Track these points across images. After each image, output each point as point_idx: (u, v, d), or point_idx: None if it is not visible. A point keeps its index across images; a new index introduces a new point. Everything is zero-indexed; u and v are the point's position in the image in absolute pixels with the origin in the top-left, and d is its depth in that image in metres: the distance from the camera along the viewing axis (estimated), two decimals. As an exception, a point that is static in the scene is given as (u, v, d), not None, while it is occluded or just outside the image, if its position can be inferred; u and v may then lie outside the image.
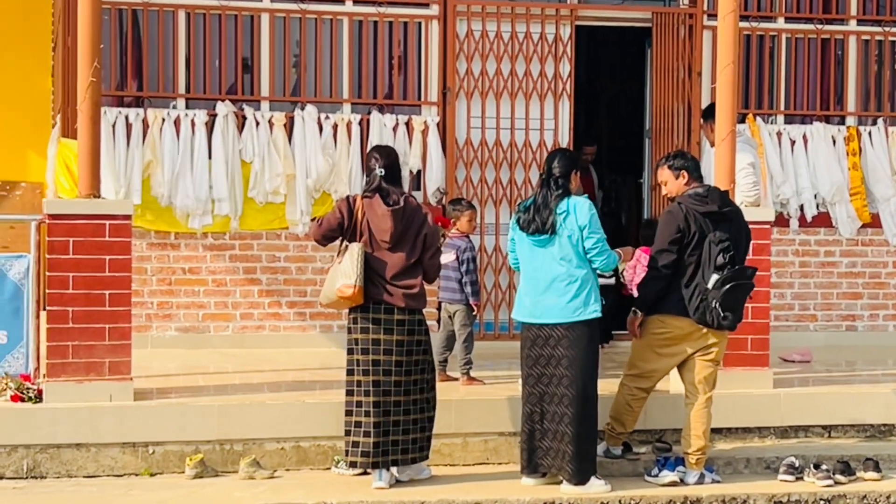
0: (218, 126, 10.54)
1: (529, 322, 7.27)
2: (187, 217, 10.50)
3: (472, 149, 11.07)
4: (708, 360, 7.59)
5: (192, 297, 10.60)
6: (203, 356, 10.13)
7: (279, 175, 10.61)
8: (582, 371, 7.18)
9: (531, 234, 7.20)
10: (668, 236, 7.43)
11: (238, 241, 10.67)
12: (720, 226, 7.54)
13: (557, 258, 7.18)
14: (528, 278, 7.33)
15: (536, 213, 7.22)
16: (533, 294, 7.25)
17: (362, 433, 7.22)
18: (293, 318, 10.72)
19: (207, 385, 8.65)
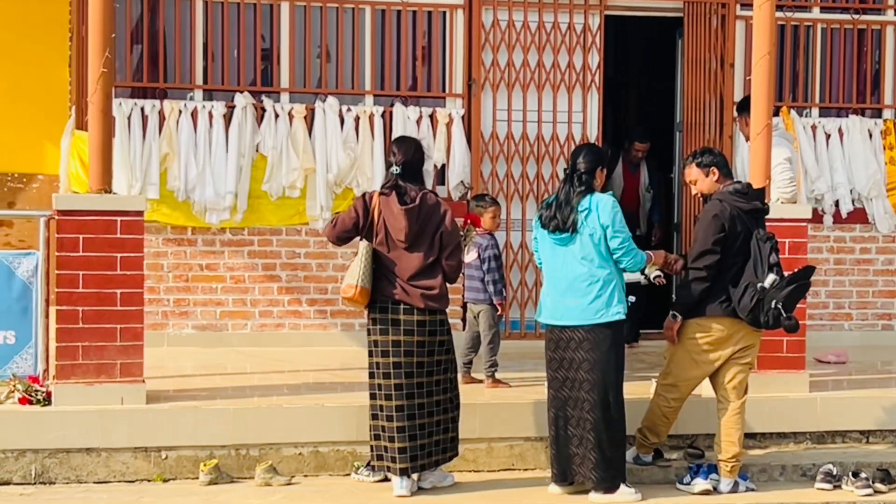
0: (236, 118, 10.36)
1: (551, 324, 7.13)
2: (205, 212, 10.34)
3: (498, 142, 10.88)
4: (744, 363, 7.40)
5: (209, 294, 10.44)
6: (220, 355, 10.01)
7: (296, 169, 10.42)
8: (604, 375, 7.01)
9: (552, 233, 7.05)
10: (713, 235, 7.25)
11: (257, 237, 10.50)
12: (761, 223, 7.44)
13: (578, 257, 7.03)
14: (549, 278, 7.19)
15: (558, 210, 7.07)
16: (554, 294, 7.11)
17: (387, 437, 7.06)
18: (314, 316, 10.57)
19: (223, 386, 8.48)
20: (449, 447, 7.17)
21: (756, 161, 8.38)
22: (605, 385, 7.02)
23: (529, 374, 9.06)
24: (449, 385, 7.10)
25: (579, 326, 6.96)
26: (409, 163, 7.07)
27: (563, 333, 7.04)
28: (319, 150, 10.49)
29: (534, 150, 10.92)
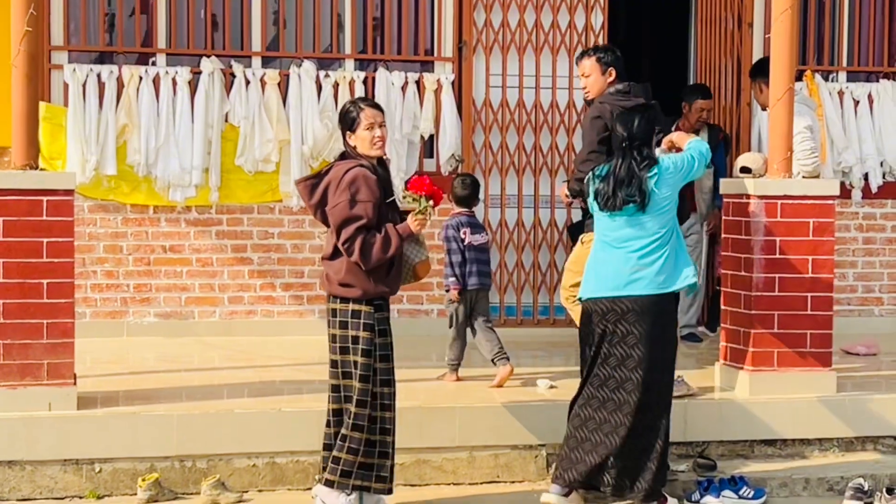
0: (202, 85, 9.77)
1: (611, 295, 6.57)
2: (168, 188, 9.78)
3: (492, 110, 10.28)
4: None
5: (173, 278, 9.92)
6: (185, 346, 9.48)
7: (270, 141, 9.84)
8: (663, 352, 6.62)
9: (611, 212, 6.56)
10: (597, 136, 7.13)
11: (226, 216, 9.97)
12: None
13: (644, 229, 6.55)
14: (607, 249, 6.65)
15: (618, 188, 6.51)
16: (615, 265, 6.58)
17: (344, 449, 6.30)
18: (288, 303, 10.04)
19: (178, 386, 7.85)
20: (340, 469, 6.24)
21: (776, 130, 7.71)
22: (663, 364, 6.58)
23: (525, 370, 8.51)
24: (368, 399, 6.19)
25: (644, 296, 6.52)
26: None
27: (623, 305, 6.53)
28: (294, 119, 9.90)
29: (531, 119, 10.33)
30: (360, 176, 6.06)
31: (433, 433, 7.14)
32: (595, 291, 6.64)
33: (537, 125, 10.29)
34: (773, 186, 7.59)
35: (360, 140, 6.18)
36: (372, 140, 6.14)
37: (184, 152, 9.72)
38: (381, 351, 6.21)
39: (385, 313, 6.23)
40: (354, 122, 6.19)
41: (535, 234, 10.33)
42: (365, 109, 6.19)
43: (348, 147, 6.25)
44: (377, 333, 6.20)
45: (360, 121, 6.17)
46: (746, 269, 7.62)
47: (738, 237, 7.72)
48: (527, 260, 10.34)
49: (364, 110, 6.19)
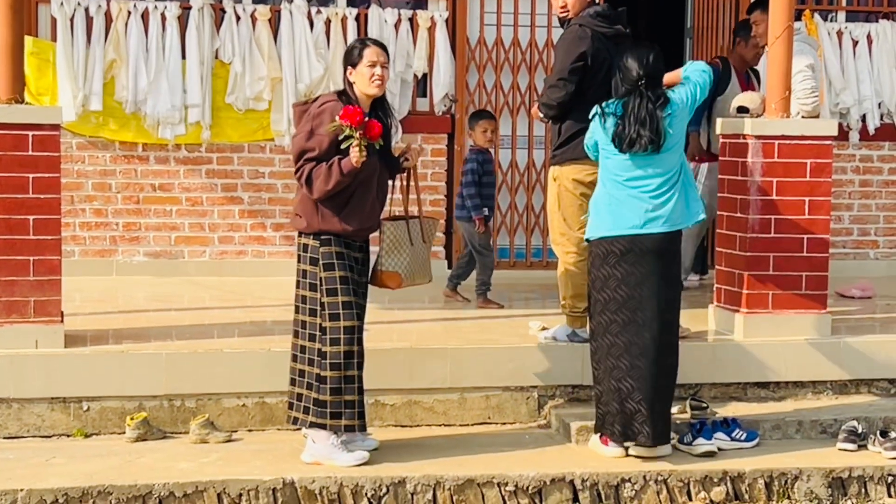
0: (192, 21, 9.70)
1: (627, 234, 6.46)
2: (157, 126, 9.72)
3: (486, 49, 10.18)
4: None
5: (163, 217, 9.87)
6: (175, 286, 9.43)
7: (262, 79, 9.80)
8: (677, 291, 6.61)
9: (631, 153, 6.44)
10: (571, 64, 7.05)
11: (216, 154, 9.88)
12: (621, 48, 6.91)
13: (660, 167, 6.49)
14: (621, 187, 6.54)
15: (641, 127, 6.39)
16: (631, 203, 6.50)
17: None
18: (279, 243, 9.98)
19: (166, 325, 7.78)
20: (311, 410, 6.22)
21: (774, 69, 7.58)
22: (676, 302, 6.58)
23: (518, 312, 8.51)
24: (317, 332, 6.18)
25: (662, 234, 6.47)
26: None
27: (643, 243, 6.46)
28: (286, 57, 9.83)
29: (526, 58, 10.22)
30: (327, 109, 6.04)
31: (424, 374, 7.07)
32: (612, 230, 6.52)
33: (532, 64, 10.16)
34: (770, 126, 7.49)
35: (359, 76, 6.11)
36: (371, 77, 6.08)
37: (173, 89, 9.63)
38: (326, 285, 6.14)
39: (331, 248, 6.14)
40: (357, 57, 6.12)
41: (529, 176, 10.25)
42: (370, 46, 6.14)
43: (347, 83, 6.17)
44: (321, 268, 6.14)
45: (362, 57, 6.11)
46: (742, 210, 7.55)
47: (733, 178, 7.64)
48: (520, 202, 10.27)
49: (369, 47, 6.14)
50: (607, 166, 6.56)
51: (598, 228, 6.59)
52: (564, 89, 7.09)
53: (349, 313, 6.15)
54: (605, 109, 6.53)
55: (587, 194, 7.11)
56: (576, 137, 7.13)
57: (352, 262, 6.19)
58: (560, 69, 7.14)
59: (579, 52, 7.07)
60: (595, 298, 6.62)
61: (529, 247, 10.26)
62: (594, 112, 6.62)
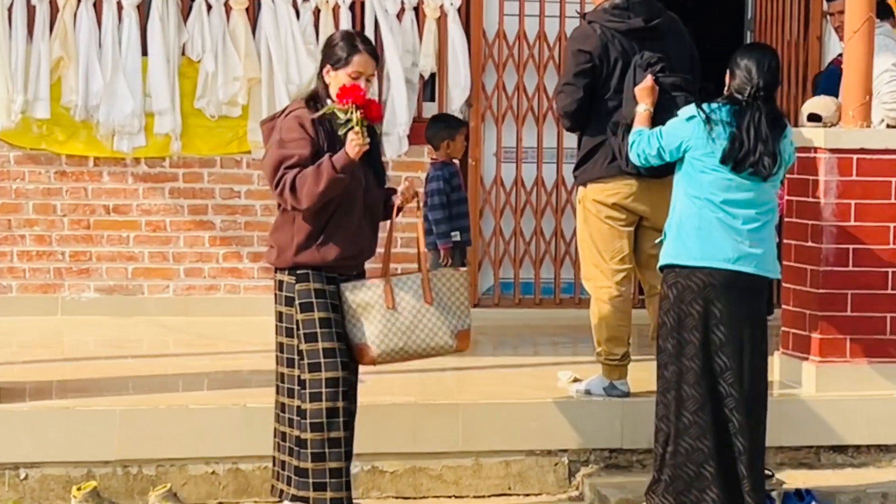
0: (155, 10, 9.81)
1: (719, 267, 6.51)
2: (112, 136, 9.83)
3: (506, 44, 10.30)
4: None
5: (118, 245, 9.98)
6: (132, 328, 9.57)
7: (238, 79, 9.92)
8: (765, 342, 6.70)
9: (739, 173, 6.49)
10: (576, 66, 7.31)
11: (182, 170, 10.04)
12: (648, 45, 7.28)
13: (763, 198, 6.60)
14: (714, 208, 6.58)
15: (763, 145, 6.44)
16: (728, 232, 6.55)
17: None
18: (258, 276, 10.08)
19: (121, 376, 7.90)
20: (293, 480, 6.24)
21: (852, 70, 7.64)
22: (765, 348, 6.68)
23: (544, 359, 8.67)
24: (295, 387, 6.22)
25: (761, 277, 6.60)
26: None
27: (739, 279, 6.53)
28: (267, 54, 9.98)
29: (553, 54, 10.31)
30: (291, 118, 6.14)
31: (431, 435, 7.14)
32: (698, 259, 6.55)
33: (561, 62, 10.12)
34: (847, 138, 7.54)
35: (338, 82, 6.16)
36: None
37: (132, 92, 9.73)
38: (304, 329, 6.17)
39: (309, 284, 6.16)
40: (341, 61, 6.18)
41: (558, 195, 10.31)
42: (361, 54, 6.18)
43: (321, 82, 6.22)
44: (298, 309, 6.18)
45: (349, 63, 6.16)
46: (813, 238, 7.58)
47: (803, 199, 7.67)
48: (547, 226, 10.32)
49: (360, 54, 6.18)
50: (702, 182, 6.55)
51: (679, 254, 6.59)
52: (571, 96, 7.28)
53: (331, 362, 6.16)
54: (711, 115, 6.51)
55: (614, 217, 7.25)
56: (595, 153, 7.30)
57: (335, 299, 6.21)
58: (565, 73, 7.41)
59: (584, 52, 7.27)
60: (666, 342, 6.63)
61: (558, 281, 10.33)
62: (689, 114, 6.59)
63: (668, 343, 6.57)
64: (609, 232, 7.31)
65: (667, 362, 6.59)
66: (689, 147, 6.52)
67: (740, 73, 6.49)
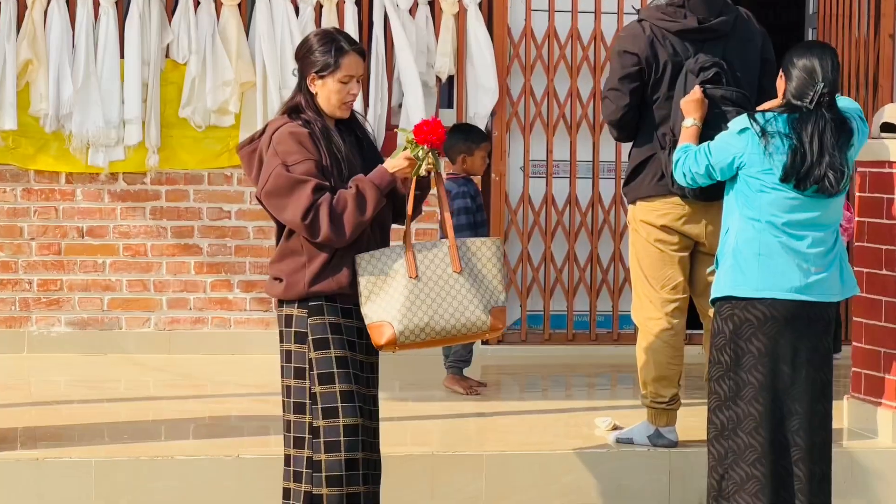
0: (135, 7, 9.93)
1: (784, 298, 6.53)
2: (87, 149, 9.90)
3: (534, 43, 10.38)
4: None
5: (93, 273, 10.04)
6: (108, 367, 9.63)
7: (229, 84, 10.00)
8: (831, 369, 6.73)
9: (801, 189, 6.48)
10: (621, 69, 7.42)
11: (165, 187, 10.13)
12: (706, 47, 7.36)
13: (830, 215, 6.59)
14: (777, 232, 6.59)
15: (830, 158, 6.42)
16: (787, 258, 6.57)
17: None
18: (250, 307, 10.18)
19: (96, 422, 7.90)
20: None
21: None
22: (832, 389, 6.67)
23: (579, 403, 8.73)
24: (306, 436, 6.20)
25: (827, 304, 6.60)
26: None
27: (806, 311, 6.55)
28: (263, 55, 10.04)
29: (588, 55, 10.42)
30: (285, 134, 6.07)
31: (451, 490, 7.16)
32: (759, 289, 6.54)
33: (598, 64, 10.29)
34: (927, 150, 7.56)
35: (327, 91, 6.13)
36: (345, 96, 6.13)
37: (108, 100, 9.81)
38: (319, 369, 6.15)
39: (324, 318, 6.13)
40: (329, 66, 6.15)
41: (594, 215, 10.34)
42: (350, 53, 6.15)
43: (303, 94, 6.20)
44: (311, 346, 6.15)
45: (338, 66, 6.13)
46: (889, 265, 7.58)
47: (877, 221, 7.68)
48: (582, 251, 10.34)
49: (349, 54, 6.15)
50: (760, 202, 6.53)
51: (738, 284, 6.56)
52: (616, 102, 7.37)
53: (350, 407, 6.12)
54: (766, 126, 6.48)
55: (664, 241, 7.32)
56: (643, 167, 7.37)
57: (352, 335, 6.19)
58: (609, 78, 7.50)
59: (630, 54, 7.34)
60: (719, 383, 6.60)
61: (594, 313, 10.35)
62: (741, 126, 6.56)
63: (723, 384, 6.55)
64: (658, 257, 7.34)
65: (719, 406, 6.57)
66: (742, 164, 6.49)
67: (798, 74, 6.44)
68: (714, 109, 7.03)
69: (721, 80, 7.16)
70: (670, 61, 7.29)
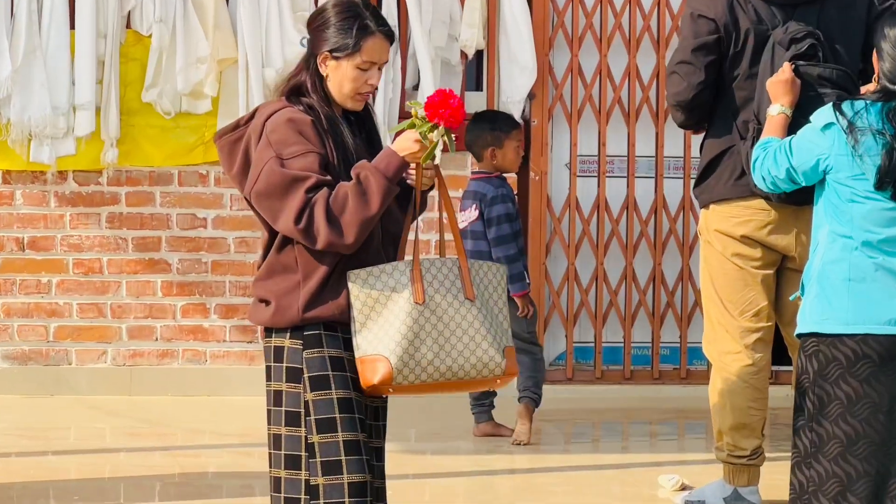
0: None
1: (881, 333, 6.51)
2: (28, 142, 10.03)
3: (583, 10, 10.42)
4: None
5: (36, 295, 10.13)
6: (56, 410, 9.80)
7: (203, 61, 10.07)
8: None
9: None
10: (692, 37, 7.47)
11: (125, 189, 10.23)
12: (798, 13, 7.35)
13: None
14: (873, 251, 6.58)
15: None
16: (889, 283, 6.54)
17: None
18: (231, 337, 10.27)
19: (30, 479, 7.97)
20: None
21: None
22: None
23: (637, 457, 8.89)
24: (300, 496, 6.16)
25: None
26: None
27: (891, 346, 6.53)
28: (246, 24, 10.10)
29: (650, 25, 10.51)
30: (280, 121, 6.04)
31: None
32: (851, 323, 6.50)
33: (661, 38, 10.32)
34: None
35: (340, 76, 6.09)
36: (361, 85, 6.12)
37: (55, 81, 9.92)
38: (318, 413, 6.10)
39: (323, 350, 6.08)
40: (348, 47, 6.08)
41: (657, 223, 10.34)
42: (375, 36, 6.11)
43: (310, 74, 6.11)
44: (308, 385, 6.10)
45: (358, 49, 6.05)
46: None
47: None
48: (642, 268, 10.34)
49: (374, 37, 6.11)
50: (851, 214, 6.54)
51: (824, 317, 6.55)
52: (687, 79, 7.40)
53: (356, 461, 6.09)
54: (855, 119, 6.44)
55: (744, 255, 7.30)
56: (718, 163, 7.44)
57: (355, 372, 6.12)
58: (679, 48, 7.58)
59: (706, 19, 7.41)
60: (801, 435, 6.57)
61: (656, 346, 10.36)
62: (826, 120, 6.52)
63: (804, 436, 6.56)
64: (737, 275, 7.29)
65: (799, 463, 6.58)
66: (829, 167, 6.48)
67: (892, 52, 6.47)
68: (809, 92, 7.02)
69: (817, 55, 7.15)
70: (753, 30, 7.28)
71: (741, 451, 7.31)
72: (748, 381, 7.25)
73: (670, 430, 9.49)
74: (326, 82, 6.07)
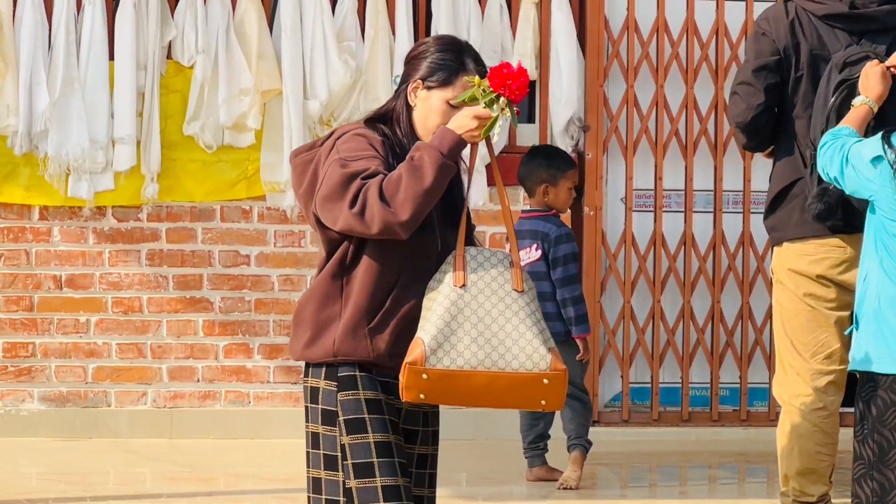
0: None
1: None
2: (66, 176, 9.98)
3: (640, 39, 10.38)
4: None
5: (73, 335, 10.08)
6: (94, 453, 9.82)
7: (247, 93, 10.03)
8: None
9: None
10: (755, 60, 7.39)
11: (166, 225, 10.24)
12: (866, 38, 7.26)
13: None
14: None
15: None
16: None
17: None
18: (275, 378, 10.22)
19: None
20: None
21: None
22: None
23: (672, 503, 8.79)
24: None
25: None
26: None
27: None
28: (290, 55, 10.04)
29: (708, 54, 10.41)
30: (351, 136, 5.98)
31: None
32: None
33: (720, 64, 10.22)
34: None
35: (427, 108, 6.03)
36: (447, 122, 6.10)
37: (94, 114, 9.90)
38: (354, 458, 6.01)
39: (358, 393, 6.03)
40: (442, 78, 5.99)
41: (716, 260, 10.23)
42: (470, 70, 6.11)
43: (402, 102, 6.01)
44: (344, 429, 6.02)
45: (450, 83, 5.98)
46: None
47: None
48: (700, 306, 10.23)
49: (468, 72, 6.11)
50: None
51: (879, 357, 6.51)
52: (746, 100, 7.36)
53: None
54: None
55: (818, 296, 7.28)
56: (786, 196, 7.36)
57: (394, 415, 6.09)
58: (742, 68, 7.58)
59: (766, 38, 7.38)
60: (861, 483, 6.51)
61: (715, 386, 10.26)
62: (874, 153, 6.49)
63: (864, 486, 6.50)
64: (810, 316, 7.20)
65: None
66: (876, 200, 6.48)
67: None
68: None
69: None
70: (813, 54, 7.20)
71: (808, 498, 7.20)
72: (818, 424, 7.16)
73: (730, 473, 9.45)
74: (413, 112, 6.04)
